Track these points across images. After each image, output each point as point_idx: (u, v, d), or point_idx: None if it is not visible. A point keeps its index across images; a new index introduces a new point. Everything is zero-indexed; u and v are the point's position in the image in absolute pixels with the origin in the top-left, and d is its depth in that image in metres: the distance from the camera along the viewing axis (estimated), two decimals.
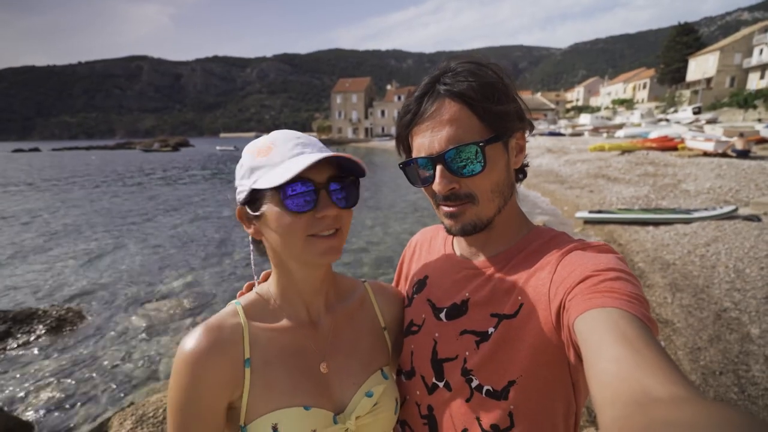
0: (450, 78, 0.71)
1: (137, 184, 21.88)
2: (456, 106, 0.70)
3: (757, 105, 29.48)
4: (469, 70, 0.72)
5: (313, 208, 0.70)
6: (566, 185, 12.64)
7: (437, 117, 0.71)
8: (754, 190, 9.34)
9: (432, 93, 0.72)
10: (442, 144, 0.71)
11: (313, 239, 0.71)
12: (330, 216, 0.71)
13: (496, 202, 0.75)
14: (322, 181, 0.71)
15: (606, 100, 72.36)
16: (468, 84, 0.70)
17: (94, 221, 12.07)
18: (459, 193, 0.73)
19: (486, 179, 0.72)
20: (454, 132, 0.70)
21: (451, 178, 0.72)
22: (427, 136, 0.72)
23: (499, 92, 0.71)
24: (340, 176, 0.74)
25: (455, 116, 0.70)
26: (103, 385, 4.13)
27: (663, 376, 0.41)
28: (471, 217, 0.74)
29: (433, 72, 0.75)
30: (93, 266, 7.88)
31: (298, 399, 0.73)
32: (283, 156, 0.70)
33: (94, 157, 52.54)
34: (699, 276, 5.15)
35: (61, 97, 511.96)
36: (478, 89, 0.70)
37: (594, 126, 37.57)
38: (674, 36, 56.45)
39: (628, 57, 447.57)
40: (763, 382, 3.16)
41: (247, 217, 0.76)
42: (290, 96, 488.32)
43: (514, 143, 0.76)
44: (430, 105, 0.72)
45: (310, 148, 0.73)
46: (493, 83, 0.71)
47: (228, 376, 0.70)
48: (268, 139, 0.75)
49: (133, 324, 5.40)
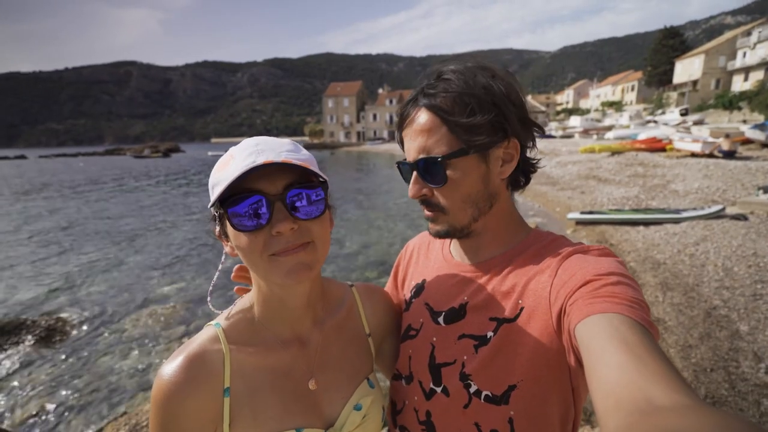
0: (430, 89, 0.73)
1: (127, 190, 21.63)
2: (429, 118, 0.72)
3: (742, 106, 30.08)
4: (454, 79, 0.71)
5: (267, 224, 0.63)
6: (558, 187, 12.77)
7: (414, 126, 0.74)
8: (740, 189, 9.52)
9: (413, 103, 0.76)
10: (414, 153, 0.74)
11: (276, 259, 0.64)
12: (285, 230, 0.63)
13: (468, 212, 0.75)
14: (275, 191, 0.63)
15: (595, 103, 73.29)
16: (442, 97, 0.71)
17: (84, 229, 11.90)
18: (430, 201, 0.77)
19: (453, 191, 0.74)
20: (424, 143, 0.73)
21: (422, 185, 0.76)
22: (407, 142, 0.77)
23: (479, 104, 0.69)
24: (302, 183, 0.66)
25: (426, 127, 0.72)
26: (94, 395, 4.06)
27: (665, 383, 0.41)
28: (443, 224, 0.77)
29: (428, 74, 0.77)
30: (83, 275, 7.75)
31: (288, 422, 0.71)
32: (236, 169, 0.62)
33: (82, 164, 51.87)
34: (689, 275, 5.23)
35: (48, 104, 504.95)
36: (452, 102, 0.70)
37: (584, 128, 38.01)
38: (661, 39, 57.42)
39: (616, 60, 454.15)
40: (752, 378, 3.21)
41: (219, 236, 0.71)
42: (282, 100, 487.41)
43: (500, 153, 0.74)
44: (411, 112, 0.75)
45: (266, 155, 0.62)
46: (471, 94, 0.70)
47: (208, 409, 0.67)
48: (231, 150, 0.67)
49: (125, 332, 5.33)
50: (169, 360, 0.69)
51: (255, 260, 0.65)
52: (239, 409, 0.69)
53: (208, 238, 10.18)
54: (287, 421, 0.71)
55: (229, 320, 0.75)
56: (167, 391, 0.65)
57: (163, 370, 0.67)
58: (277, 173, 0.64)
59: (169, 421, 0.65)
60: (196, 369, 0.67)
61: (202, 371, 0.68)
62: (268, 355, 0.74)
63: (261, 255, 0.65)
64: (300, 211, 0.65)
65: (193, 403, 0.66)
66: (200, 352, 0.69)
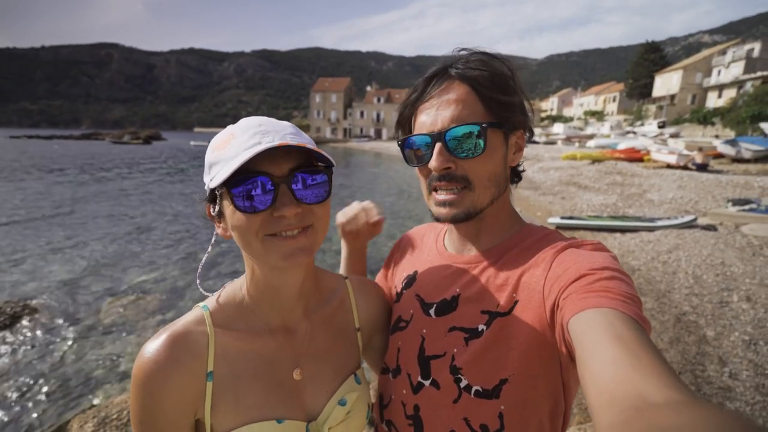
0: (462, 64, 0.73)
1: (103, 177, 20.91)
2: (465, 89, 0.72)
3: (715, 122, 31.34)
4: (482, 60, 0.73)
5: (270, 206, 0.62)
6: (539, 192, 13.01)
7: (444, 96, 0.72)
8: (711, 201, 9.92)
9: (443, 75, 0.74)
10: (445, 122, 0.71)
11: (273, 240, 0.64)
12: (289, 215, 0.63)
13: (491, 190, 0.75)
14: (281, 174, 0.63)
15: (578, 111, 75.05)
16: (479, 72, 0.72)
17: (54, 213, 11.43)
18: (455, 174, 0.73)
19: (483, 165, 0.72)
20: (459, 112, 0.71)
21: (448, 158, 0.72)
22: (431, 114, 0.73)
23: (507, 85, 0.73)
24: (307, 167, 0.66)
25: (462, 97, 0.71)
26: (61, 386, 3.91)
27: (659, 379, 0.41)
28: (465, 204, 0.74)
29: (445, 60, 0.76)
30: (52, 260, 7.46)
31: (269, 412, 0.69)
32: (239, 148, 0.62)
33: (57, 147, 49.86)
34: (661, 281, 5.41)
35: (22, 83, 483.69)
36: (489, 77, 0.72)
37: (567, 135, 38.92)
38: (642, 53, 59.19)
39: (599, 70, 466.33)
40: (717, 381, 3.35)
41: (212, 216, 0.70)
42: (268, 93, 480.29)
43: (514, 140, 0.77)
44: (438, 85, 0.73)
45: (271, 136, 0.62)
46: (503, 75, 0.73)
47: (189, 391, 0.65)
48: (230, 129, 0.67)
49: (96, 321, 5.15)
50: (152, 339, 0.66)
51: (250, 240, 0.64)
52: (221, 395, 0.67)
53: (185, 228, 9.95)
54: (269, 411, 0.69)
55: (218, 303, 0.73)
56: (148, 370, 0.63)
57: (145, 348, 0.65)
58: (283, 155, 0.63)
59: (149, 400, 0.63)
60: (179, 349, 0.65)
61: (185, 352, 0.66)
62: (254, 340, 0.72)
63: (257, 234, 0.63)
64: (304, 195, 0.64)
65: (174, 384, 0.64)
66: (184, 333, 0.67)
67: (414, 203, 13.38)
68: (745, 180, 12.11)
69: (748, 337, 3.90)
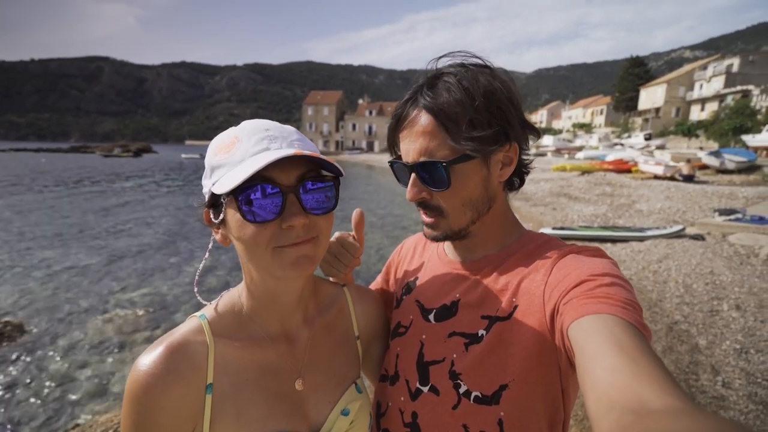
0: (431, 90, 0.70)
1: (93, 190, 20.63)
2: (430, 121, 0.70)
3: (699, 134, 32.19)
4: (455, 83, 0.69)
5: (278, 217, 0.60)
6: (531, 203, 13.13)
7: (414, 127, 0.72)
8: (698, 211, 10.09)
9: (413, 103, 0.73)
10: (414, 155, 0.72)
11: (281, 250, 0.62)
12: (298, 225, 0.61)
13: (467, 215, 0.74)
14: (290, 183, 0.61)
15: (567, 123, 76.44)
16: (445, 100, 0.68)
17: (41, 227, 11.21)
18: (429, 203, 0.75)
19: (454, 195, 0.72)
20: (426, 145, 0.70)
21: (421, 188, 0.73)
22: (406, 143, 0.73)
23: (479, 109, 0.67)
24: (315, 176, 0.64)
25: (428, 130, 0.70)
26: (44, 406, 3.77)
27: (659, 386, 0.41)
28: (443, 228, 0.76)
29: (428, 72, 0.74)
30: (38, 276, 7.28)
31: (272, 425, 0.66)
32: (245, 153, 0.60)
33: (44, 160, 49.19)
34: (653, 291, 5.45)
35: (9, 95, 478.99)
36: (455, 107, 0.68)
37: (556, 147, 39.51)
38: (627, 68, 60.85)
39: (587, 84, 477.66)
40: (710, 390, 3.35)
41: (211, 222, 0.66)
42: (260, 106, 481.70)
43: (501, 157, 0.74)
44: (411, 112, 0.72)
45: (279, 143, 0.61)
46: (474, 96, 0.68)
47: (188, 405, 0.62)
48: (233, 131, 0.64)
49: (82, 338, 5.01)
50: (147, 350, 0.63)
51: (258, 253, 0.62)
52: (222, 408, 0.65)
53: (176, 242, 9.82)
54: (271, 424, 0.66)
55: (216, 312, 0.71)
56: (144, 383, 0.60)
57: (140, 360, 0.62)
58: (291, 163, 0.61)
59: (144, 416, 0.59)
60: (178, 361, 0.62)
61: (183, 363, 0.62)
62: (255, 350, 0.70)
63: (266, 247, 0.61)
64: (312, 206, 0.63)
65: (172, 398, 0.61)
66: (183, 343, 0.64)
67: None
68: (730, 190, 12.38)
69: (739, 345, 3.93)
